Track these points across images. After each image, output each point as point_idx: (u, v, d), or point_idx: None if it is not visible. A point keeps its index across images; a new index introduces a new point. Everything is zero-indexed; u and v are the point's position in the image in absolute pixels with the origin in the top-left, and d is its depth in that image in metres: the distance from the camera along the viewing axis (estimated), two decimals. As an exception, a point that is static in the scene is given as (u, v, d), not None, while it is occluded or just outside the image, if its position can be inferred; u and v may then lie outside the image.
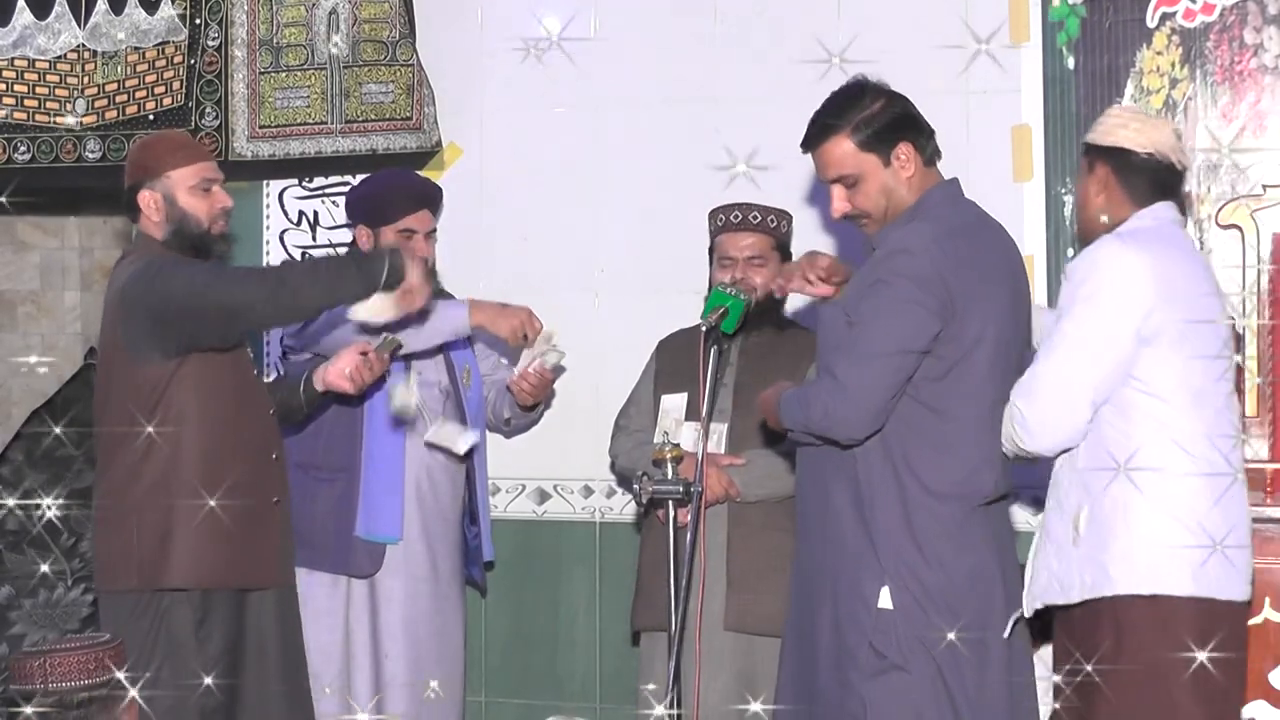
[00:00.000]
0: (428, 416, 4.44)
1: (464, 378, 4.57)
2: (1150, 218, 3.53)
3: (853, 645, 3.41)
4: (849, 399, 3.35)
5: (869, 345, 3.36)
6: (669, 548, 3.82)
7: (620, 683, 4.85)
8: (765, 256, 4.24)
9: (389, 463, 4.44)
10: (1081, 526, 3.45)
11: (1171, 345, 3.42)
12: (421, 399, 4.40)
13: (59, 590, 5.84)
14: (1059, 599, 3.50)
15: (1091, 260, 3.46)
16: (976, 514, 3.44)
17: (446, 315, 4.30)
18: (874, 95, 3.55)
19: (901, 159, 3.51)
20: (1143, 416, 3.42)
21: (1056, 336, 3.45)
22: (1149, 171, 3.53)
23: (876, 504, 3.41)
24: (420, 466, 4.48)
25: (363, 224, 4.57)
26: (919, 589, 3.38)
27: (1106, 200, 3.56)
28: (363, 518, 4.43)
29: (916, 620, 3.37)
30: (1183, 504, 3.41)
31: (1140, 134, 3.54)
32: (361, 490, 4.43)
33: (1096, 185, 3.57)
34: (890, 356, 3.35)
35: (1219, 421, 3.48)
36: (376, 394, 4.36)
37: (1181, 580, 3.39)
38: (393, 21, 5.07)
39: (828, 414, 3.38)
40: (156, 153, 4.04)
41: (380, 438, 4.44)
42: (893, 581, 3.38)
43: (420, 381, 4.46)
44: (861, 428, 3.38)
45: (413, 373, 4.37)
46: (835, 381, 3.38)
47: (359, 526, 4.43)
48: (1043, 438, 3.44)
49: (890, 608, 3.38)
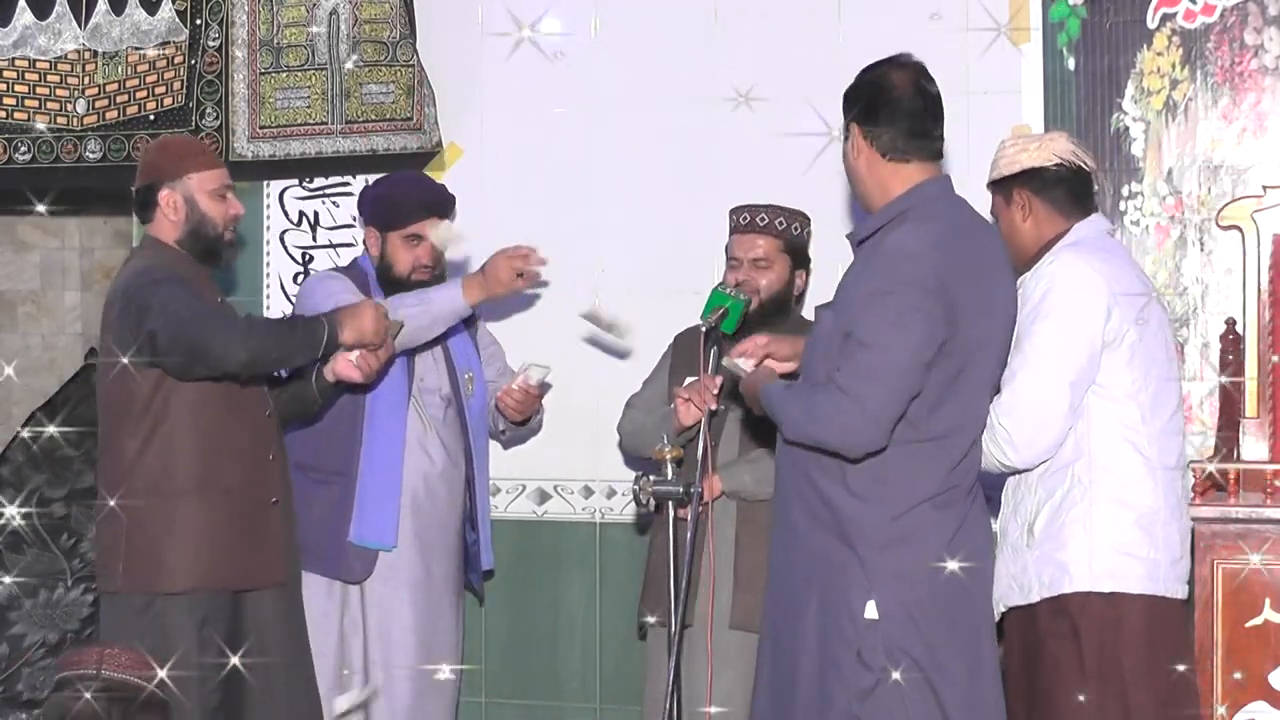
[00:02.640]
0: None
1: (466, 385, 4.56)
2: (1089, 228, 3.67)
3: (838, 657, 3.34)
4: (865, 414, 3.26)
5: (882, 359, 3.27)
6: (671, 547, 3.82)
7: (620, 683, 4.85)
8: (772, 259, 4.24)
9: (387, 469, 4.42)
10: (1037, 529, 3.56)
11: (1129, 349, 3.55)
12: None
13: (59, 590, 5.84)
14: (1019, 600, 3.60)
15: (1049, 275, 3.57)
16: (964, 519, 3.40)
17: (442, 301, 4.29)
18: (876, 68, 3.49)
19: (853, 137, 3.47)
20: (1101, 419, 3.55)
21: (1028, 352, 3.52)
22: (1065, 182, 3.68)
23: (862, 513, 3.35)
24: (418, 473, 4.46)
25: (372, 225, 4.57)
26: (908, 599, 3.33)
27: (1035, 222, 3.69)
28: (357, 524, 4.41)
29: (906, 631, 3.32)
30: (1139, 505, 3.54)
31: (1042, 150, 3.70)
32: (357, 496, 4.42)
33: (1020, 212, 3.70)
34: (904, 372, 3.27)
35: (1172, 422, 3.62)
36: (382, 384, 4.36)
37: (1137, 579, 3.52)
38: (393, 22, 5.07)
39: (843, 429, 3.29)
40: (176, 154, 4.06)
41: (380, 442, 4.43)
42: (879, 593, 3.33)
43: (421, 388, 4.46)
44: (875, 442, 3.31)
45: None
46: (847, 396, 3.27)
47: (352, 532, 4.42)
48: (1027, 451, 3.52)
49: (877, 618, 3.32)
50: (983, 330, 3.38)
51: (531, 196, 5.05)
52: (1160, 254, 4.48)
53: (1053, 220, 3.68)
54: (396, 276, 4.48)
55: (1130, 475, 3.54)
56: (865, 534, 3.34)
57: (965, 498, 3.43)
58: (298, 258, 5.25)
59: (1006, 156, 3.74)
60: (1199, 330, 4.45)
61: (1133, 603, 3.51)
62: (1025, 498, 3.62)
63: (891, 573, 3.33)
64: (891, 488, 3.34)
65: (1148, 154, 4.51)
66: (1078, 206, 3.70)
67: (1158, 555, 3.54)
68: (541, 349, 5.01)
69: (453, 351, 4.55)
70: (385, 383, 4.36)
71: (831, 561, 3.37)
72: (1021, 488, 3.64)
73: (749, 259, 4.23)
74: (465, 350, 4.59)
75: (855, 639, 3.32)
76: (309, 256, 5.24)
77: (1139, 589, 3.52)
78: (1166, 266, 4.47)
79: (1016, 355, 3.53)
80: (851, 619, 3.33)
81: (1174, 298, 4.43)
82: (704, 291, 3.99)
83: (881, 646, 3.31)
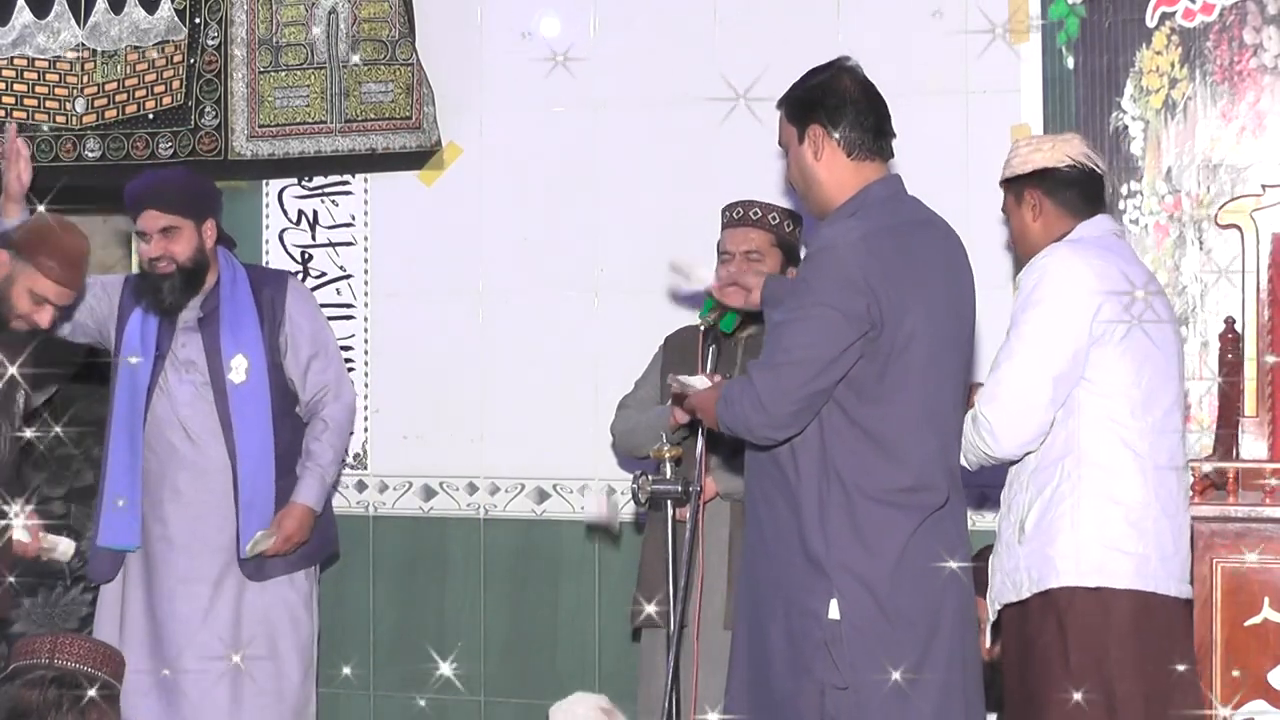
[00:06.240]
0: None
1: (234, 369, 4.57)
2: (1092, 228, 3.70)
3: (807, 658, 3.33)
4: (759, 403, 3.29)
5: (780, 350, 3.31)
6: (669, 545, 3.82)
7: (619, 682, 4.84)
8: (764, 252, 4.23)
9: (126, 474, 4.53)
10: (1028, 525, 3.58)
11: (1121, 345, 3.56)
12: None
13: (58, 590, 5.83)
14: (1012, 596, 3.63)
15: (1040, 267, 3.60)
16: (925, 519, 3.36)
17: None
18: (825, 71, 3.50)
19: (813, 139, 3.45)
20: (1092, 415, 3.56)
21: (1014, 341, 3.56)
22: (1076, 183, 3.72)
23: (821, 515, 3.33)
24: (161, 479, 4.54)
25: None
26: (868, 599, 3.30)
27: (1044, 223, 3.73)
28: (103, 528, 4.56)
29: (868, 630, 3.30)
30: (1128, 501, 3.55)
31: (1055, 151, 3.73)
32: (104, 502, 4.56)
33: (1031, 212, 3.74)
34: (798, 364, 3.27)
35: (1167, 420, 3.63)
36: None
37: (1124, 574, 3.53)
38: (392, 21, 5.07)
39: (744, 416, 3.33)
40: (33, 246, 4.17)
41: (119, 453, 4.54)
42: (840, 593, 3.30)
43: (173, 361, 4.53)
44: (773, 431, 3.32)
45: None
46: (750, 385, 3.32)
47: (100, 537, 4.57)
48: (1007, 440, 3.54)
49: (839, 618, 3.30)
50: (914, 324, 3.32)
51: (531, 196, 5.05)
52: (1159, 253, 4.48)
53: (1062, 221, 3.71)
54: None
55: (1119, 471, 3.54)
56: (824, 533, 3.32)
57: (931, 499, 3.36)
58: (296, 256, 5.25)
59: (1020, 155, 3.77)
60: (1198, 329, 4.45)
61: (1120, 598, 3.52)
62: (1018, 495, 3.63)
63: (850, 572, 3.31)
64: (844, 487, 3.32)
65: (1147, 153, 4.51)
66: (1088, 208, 3.72)
67: (1147, 551, 3.54)
68: (541, 348, 5.03)
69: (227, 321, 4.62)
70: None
71: (794, 562, 3.36)
72: (1015, 485, 3.66)
73: (741, 252, 4.23)
74: (250, 318, 4.65)
75: (821, 639, 3.31)
76: (308, 255, 5.24)
77: (1126, 584, 3.52)
78: (1165, 265, 4.47)
79: (1003, 346, 3.56)
80: (817, 619, 3.32)
81: (1173, 297, 4.42)
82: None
83: (847, 645, 3.29)
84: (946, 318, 3.42)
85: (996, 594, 3.66)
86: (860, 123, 3.43)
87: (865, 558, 3.31)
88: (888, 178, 3.48)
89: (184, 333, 4.54)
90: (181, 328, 4.55)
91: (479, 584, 5.10)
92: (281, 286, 4.66)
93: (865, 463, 3.32)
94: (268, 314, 4.58)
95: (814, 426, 3.33)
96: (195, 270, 4.51)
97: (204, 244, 4.53)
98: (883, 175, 3.47)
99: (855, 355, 3.28)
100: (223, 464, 4.53)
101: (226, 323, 4.53)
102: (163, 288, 4.50)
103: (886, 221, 3.38)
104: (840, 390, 3.31)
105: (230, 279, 4.58)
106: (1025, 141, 3.84)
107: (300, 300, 4.68)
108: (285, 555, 4.55)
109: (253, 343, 4.54)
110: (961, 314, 3.48)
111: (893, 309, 3.29)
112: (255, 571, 4.53)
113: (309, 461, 4.59)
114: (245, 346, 4.53)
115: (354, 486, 5.19)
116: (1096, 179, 3.74)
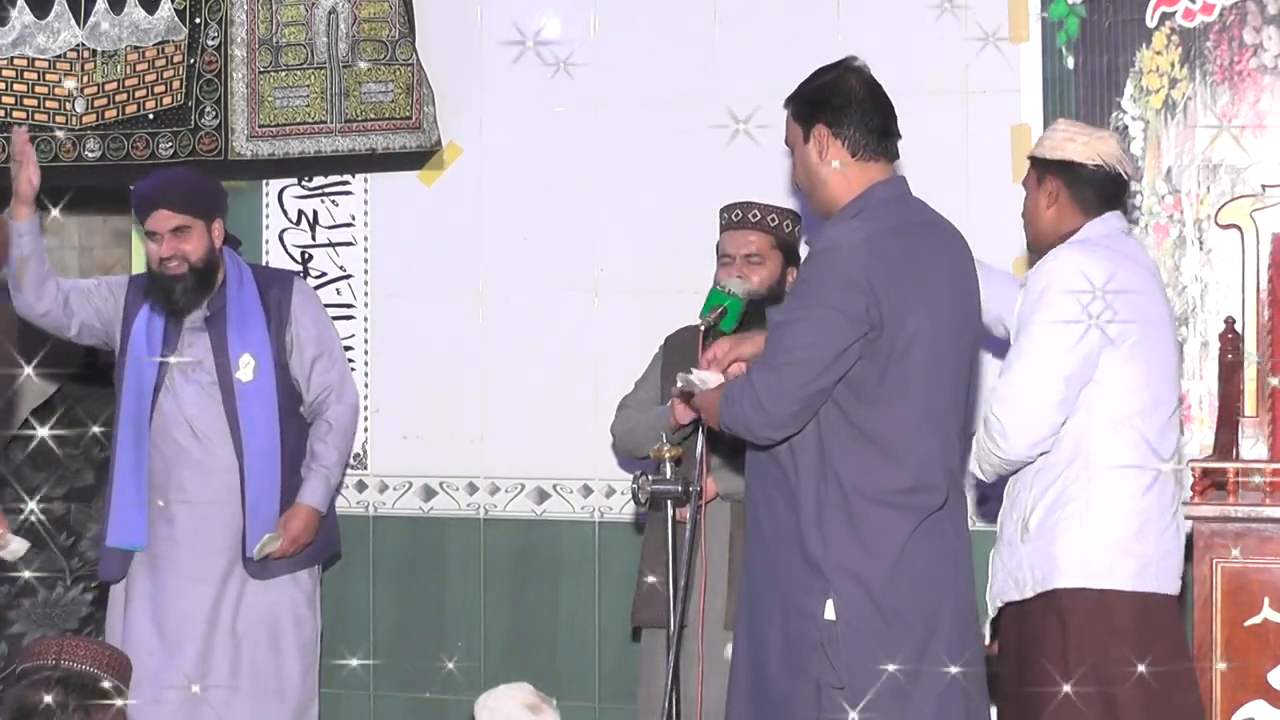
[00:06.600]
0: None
1: (242, 368, 4.58)
2: (1101, 226, 3.71)
3: (804, 658, 3.32)
4: (759, 403, 3.30)
5: (779, 350, 3.31)
6: (669, 545, 3.82)
7: (619, 682, 4.85)
8: (764, 255, 4.23)
9: (133, 474, 4.53)
10: (1032, 524, 3.60)
11: (1130, 347, 3.57)
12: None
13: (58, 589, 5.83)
14: (1014, 595, 3.64)
15: (1049, 269, 3.61)
16: (924, 520, 3.35)
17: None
18: (831, 71, 3.49)
19: (818, 139, 3.45)
20: (1100, 416, 3.58)
21: (1024, 343, 3.57)
22: (1097, 183, 3.72)
23: (819, 515, 3.32)
24: (167, 478, 4.55)
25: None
26: (865, 599, 3.30)
27: (1057, 212, 3.75)
28: (112, 528, 4.57)
29: (864, 631, 3.30)
30: (1136, 502, 3.56)
31: (1088, 147, 3.72)
32: (113, 501, 4.57)
33: (1047, 198, 3.75)
34: (799, 365, 3.27)
35: (1172, 422, 3.65)
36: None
37: (1128, 575, 3.55)
38: (392, 21, 5.07)
39: (743, 415, 3.33)
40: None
41: (125, 452, 4.55)
42: (837, 594, 3.30)
43: (179, 363, 4.57)
44: (773, 431, 3.33)
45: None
46: (750, 384, 3.32)
47: (110, 536, 4.57)
48: (1018, 441, 3.55)
49: (835, 619, 3.29)
50: (916, 326, 3.32)
51: (530, 196, 5.05)
52: (1159, 253, 4.48)
53: (1074, 216, 3.72)
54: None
55: (1128, 472, 3.55)
56: (822, 533, 3.32)
57: (930, 500, 3.36)
58: (296, 256, 5.25)
59: (1053, 140, 3.77)
60: (1198, 329, 4.45)
61: (1123, 599, 3.54)
62: (1022, 493, 3.64)
63: (847, 573, 3.30)
64: (842, 487, 3.31)
65: (1147, 153, 4.51)
66: (1102, 207, 3.73)
67: (1150, 552, 3.56)
68: (541, 348, 5.03)
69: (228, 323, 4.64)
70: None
71: (792, 562, 3.36)
72: (1019, 484, 3.66)
73: (741, 255, 4.23)
74: (255, 317, 4.67)
75: (818, 639, 3.30)
76: (308, 255, 5.24)
77: (1130, 586, 3.54)
78: (1166, 265, 4.47)
79: (1013, 348, 3.57)
80: (813, 619, 3.31)
81: (1173, 297, 4.42)
82: (702, 291, 3.99)
83: (843, 646, 3.29)
84: (950, 320, 3.41)
85: (997, 591, 3.66)
86: (865, 123, 3.43)
87: (863, 558, 3.31)
88: (893, 179, 3.48)
89: (190, 332, 4.55)
90: (188, 327, 4.56)
91: (479, 584, 5.10)
92: (288, 287, 4.67)
93: (863, 463, 3.32)
94: (274, 314, 4.60)
95: (812, 426, 3.33)
96: (207, 270, 4.54)
97: (214, 243, 4.55)
98: (888, 176, 3.47)
99: (855, 356, 3.28)
100: (229, 463, 4.54)
101: (233, 322, 4.55)
102: (174, 289, 4.52)
103: (891, 223, 3.38)
104: (839, 390, 3.30)
105: (237, 279, 4.59)
106: (1064, 127, 3.82)
107: (306, 301, 4.70)
108: (290, 556, 4.56)
109: (260, 342, 4.56)
110: (966, 316, 3.47)
111: (894, 310, 3.29)
112: (259, 570, 4.54)
113: (314, 463, 4.61)
114: (252, 346, 4.54)
115: (354, 486, 5.20)
116: (1120, 182, 3.75)
